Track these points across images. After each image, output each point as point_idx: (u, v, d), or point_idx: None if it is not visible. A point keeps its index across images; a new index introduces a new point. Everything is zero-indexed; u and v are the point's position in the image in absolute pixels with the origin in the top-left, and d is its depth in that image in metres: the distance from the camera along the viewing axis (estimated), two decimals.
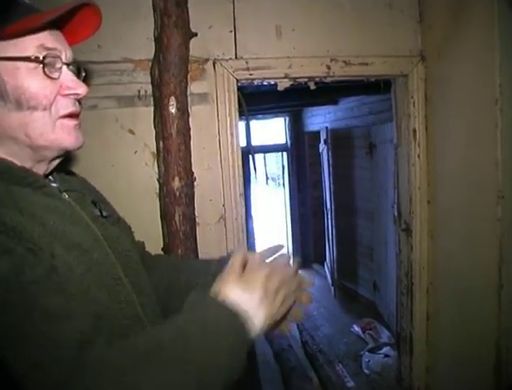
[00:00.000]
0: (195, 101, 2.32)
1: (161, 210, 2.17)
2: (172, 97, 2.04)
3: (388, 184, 4.10)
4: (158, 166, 2.17)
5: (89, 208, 0.93)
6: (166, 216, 2.11)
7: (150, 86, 2.19)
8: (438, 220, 2.67)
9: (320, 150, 5.78)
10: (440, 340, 2.74)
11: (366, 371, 3.58)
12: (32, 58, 0.76)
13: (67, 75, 0.82)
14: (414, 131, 2.69)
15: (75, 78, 0.84)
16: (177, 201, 2.07)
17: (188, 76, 2.17)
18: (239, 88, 2.46)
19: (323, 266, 6.19)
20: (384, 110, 4.23)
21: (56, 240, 0.75)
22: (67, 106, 0.82)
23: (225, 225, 2.43)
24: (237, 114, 2.43)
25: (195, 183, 2.21)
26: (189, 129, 2.13)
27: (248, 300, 0.79)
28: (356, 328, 4.32)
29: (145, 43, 2.19)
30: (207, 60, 2.35)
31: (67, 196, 0.90)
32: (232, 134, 2.40)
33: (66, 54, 0.82)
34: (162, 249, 2.14)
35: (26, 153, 0.82)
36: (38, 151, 0.82)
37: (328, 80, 2.58)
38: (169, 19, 2.01)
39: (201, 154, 2.34)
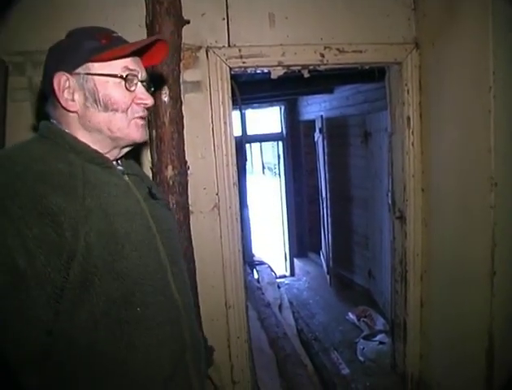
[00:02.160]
0: (188, 90, 2.31)
1: None
2: (165, 86, 2.03)
3: (383, 172, 4.11)
4: (151, 155, 2.16)
5: (143, 190, 1.18)
6: None
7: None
8: (432, 208, 2.68)
9: (315, 139, 5.78)
10: (434, 327, 2.76)
11: (360, 358, 3.60)
12: (119, 75, 1.07)
13: (140, 89, 1.11)
14: (408, 119, 2.69)
15: (146, 92, 1.12)
16: (170, 189, 2.07)
17: (181, 64, 2.15)
18: (232, 77, 2.45)
19: (319, 254, 6.22)
20: (379, 99, 4.22)
21: (104, 208, 1.00)
22: (138, 111, 1.11)
23: (219, 214, 2.44)
24: (231, 102, 2.42)
25: (188, 171, 2.21)
26: (182, 117, 2.12)
27: None
28: (351, 316, 4.34)
29: (137, 31, 2.17)
30: (200, 48, 2.34)
31: (127, 177, 1.15)
32: (225, 122, 2.39)
33: (141, 74, 1.12)
34: None
35: (106, 141, 1.10)
36: (115, 140, 1.11)
37: (322, 67, 2.57)
38: (161, 6, 1.99)
39: (194, 143, 2.34)
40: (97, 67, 1.06)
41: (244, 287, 2.60)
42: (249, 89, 4.09)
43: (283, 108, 6.94)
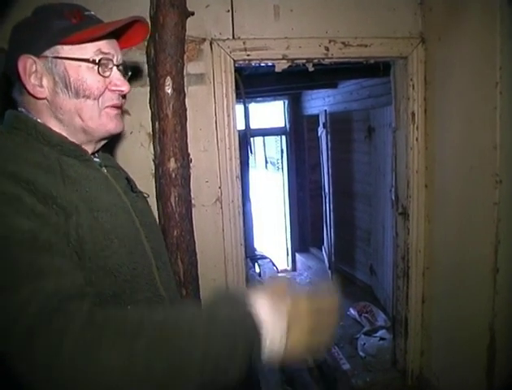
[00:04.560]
0: (191, 82, 2.30)
1: (156, 191, 2.16)
2: (168, 78, 2.02)
3: (387, 167, 4.09)
4: (154, 147, 2.15)
5: (122, 182, 1.12)
6: (161, 197, 2.10)
7: (146, 66, 2.17)
8: (435, 204, 2.66)
9: (319, 134, 5.75)
10: (435, 324, 2.75)
11: (361, 354, 3.60)
12: (91, 60, 0.98)
13: (115, 75, 1.03)
14: (413, 114, 2.68)
15: (122, 78, 1.04)
16: (173, 182, 2.06)
17: (185, 56, 2.14)
18: (236, 69, 2.44)
19: (321, 249, 6.21)
20: (384, 94, 4.20)
21: (87, 203, 0.92)
22: (111, 98, 1.03)
23: (221, 207, 2.43)
24: (234, 95, 2.41)
25: (191, 164, 2.20)
26: (185, 110, 2.11)
27: (274, 318, 0.80)
28: (352, 311, 4.34)
29: None
30: (204, 40, 2.32)
31: (105, 170, 1.09)
32: (228, 115, 2.38)
33: (117, 57, 1.03)
34: None
35: (80, 133, 1.02)
36: (88, 132, 1.02)
37: (327, 61, 2.55)
38: None
39: (197, 135, 2.33)
40: (67, 49, 0.96)
41: (245, 281, 2.59)
42: (252, 83, 4.08)
43: (286, 102, 6.90)
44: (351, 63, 2.81)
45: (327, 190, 5.64)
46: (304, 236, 6.94)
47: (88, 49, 0.98)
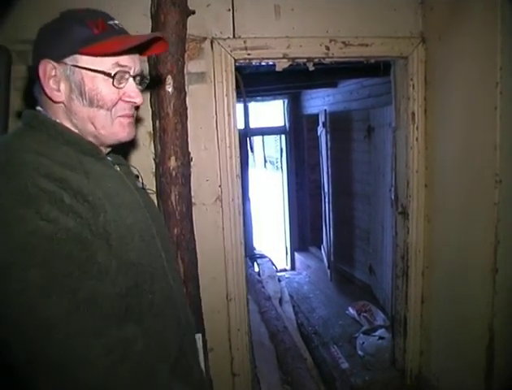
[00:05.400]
0: (192, 81, 2.30)
1: (157, 189, 2.16)
2: (169, 76, 2.02)
3: (386, 167, 4.10)
4: (155, 146, 2.15)
5: (133, 179, 1.18)
6: (162, 196, 2.10)
7: (147, 65, 2.17)
8: (435, 204, 2.67)
9: (318, 133, 5.75)
10: (434, 323, 2.76)
11: (360, 353, 3.60)
12: (107, 72, 0.99)
13: (130, 86, 1.05)
14: (413, 114, 2.68)
15: (136, 89, 1.06)
16: (173, 180, 2.06)
17: (186, 55, 2.14)
18: (237, 69, 2.43)
19: (320, 249, 6.21)
20: (384, 93, 4.20)
21: (110, 200, 0.98)
22: (124, 108, 1.05)
23: (221, 206, 2.43)
24: (235, 94, 2.41)
25: (191, 163, 2.20)
26: (186, 108, 2.11)
27: None
28: (351, 311, 4.34)
29: (141, 21, 2.15)
30: (205, 39, 2.32)
31: (118, 168, 1.13)
32: (229, 114, 2.38)
33: (134, 69, 1.05)
34: None
35: (91, 138, 1.05)
36: (100, 139, 1.06)
37: (327, 60, 2.55)
38: None
39: (197, 134, 2.33)
40: (85, 59, 0.98)
41: (245, 280, 2.59)
42: (252, 82, 4.07)
43: (286, 101, 6.90)
44: (351, 63, 2.81)
45: (326, 189, 5.64)
46: (303, 236, 6.94)
47: (106, 61, 0.99)
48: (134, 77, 1.05)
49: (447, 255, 2.58)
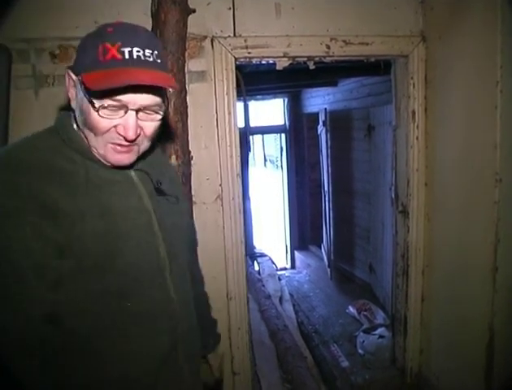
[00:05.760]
0: (193, 79, 2.30)
1: None
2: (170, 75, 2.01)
3: (386, 166, 4.09)
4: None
5: (150, 186, 1.14)
6: None
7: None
8: (435, 203, 2.67)
9: (319, 132, 5.75)
10: (435, 322, 2.76)
11: (360, 352, 3.60)
12: (93, 103, 0.95)
13: (128, 119, 0.97)
14: (413, 112, 2.68)
15: (131, 124, 0.98)
16: None
17: (186, 54, 2.14)
18: (237, 67, 2.43)
19: (320, 247, 6.22)
20: (384, 92, 4.20)
21: (102, 208, 1.00)
22: (116, 138, 1.00)
23: (222, 205, 2.43)
24: (235, 92, 2.41)
25: (192, 161, 2.20)
26: (187, 107, 2.11)
27: None
28: (351, 309, 4.34)
29: (142, 19, 2.14)
30: (205, 37, 2.32)
31: (133, 173, 1.11)
32: (229, 113, 2.38)
33: (135, 102, 0.96)
34: None
35: None
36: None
37: (328, 59, 2.55)
38: None
39: (198, 133, 2.33)
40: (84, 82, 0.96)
41: (245, 278, 2.59)
42: (253, 81, 4.07)
43: (286, 100, 6.90)
44: (352, 61, 2.81)
45: (326, 188, 5.64)
46: (303, 234, 6.95)
47: (98, 93, 0.95)
48: (138, 110, 0.98)
49: (447, 254, 2.58)
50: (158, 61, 0.99)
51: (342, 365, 3.43)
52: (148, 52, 0.96)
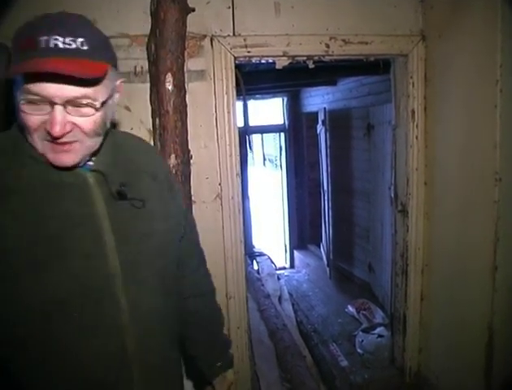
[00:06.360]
0: (192, 78, 2.29)
1: None
2: (169, 74, 2.01)
3: (386, 165, 4.10)
4: (154, 144, 2.15)
5: (108, 189, 1.03)
6: None
7: (147, 62, 2.16)
8: (434, 202, 2.67)
9: (318, 131, 5.75)
10: (434, 321, 2.76)
11: (359, 351, 3.60)
12: (17, 99, 0.90)
13: (54, 114, 0.89)
14: (413, 112, 2.68)
15: (56, 120, 0.89)
16: (173, 178, 2.06)
17: (186, 53, 2.13)
18: (237, 66, 2.43)
19: (319, 247, 6.22)
20: (383, 91, 4.20)
21: (40, 210, 0.95)
22: (46, 135, 0.91)
23: (221, 204, 2.43)
24: (235, 92, 2.40)
25: (191, 161, 2.19)
26: (186, 106, 2.11)
27: None
28: (350, 309, 4.34)
29: (141, 18, 2.15)
30: (205, 36, 2.32)
31: (89, 174, 1.02)
32: (229, 112, 2.38)
33: (58, 96, 0.88)
34: None
35: None
36: None
37: (327, 58, 2.55)
38: None
39: (197, 132, 2.33)
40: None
41: (245, 278, 2.59)
42: (252, 80, 4.06)
43: (285, 99, 6.89)
44: (351, 61, 2.80)
45: (325, 187, 5.64)
46: (302, 234, 6.95)
47: (23, 87, 0.89)
48: (65, 104, 0.90)
49: (446, 253, 2.58)
50: (84, 48, 0.90)
51: (341, 364, 3.43)
52: (69, 40, 0.89)
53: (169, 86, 2.02)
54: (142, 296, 1.07)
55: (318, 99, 6.28)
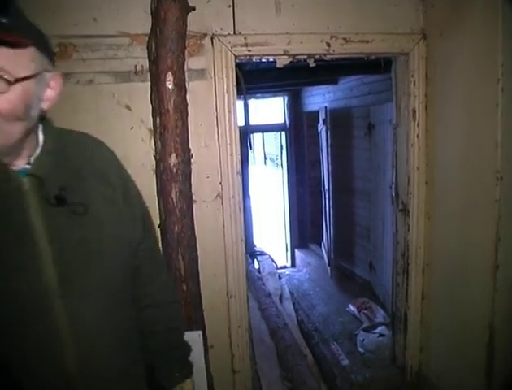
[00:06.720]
0: (192, 77, 2.29)
1: (157, 186, 2.16)
2: (169, 73, 2.01)
3: (387, 164, 4.09)
4: (155, 143, 2.15)
5: (45, 195, 0.94)
6: (162, 193, 2.10)
7: (147, 61, 2.16)
8: (435, 201, 2.66)
9: (319, 130, 5.74)
10: (435, 320, 2.76)
11: (360, 350, 3.60)
12: None
13: None
14: (414, 111, 2.67)
15: None
16: (174, 177, 2.06)
17: (186, 52, 2.13)
18: (237, 65, 2.43)
19: (320, 246, 6.21)
20: (384, 90, 4.19)
21: None
22: None
23: (222, 203, 2.43)
24: (235, 91, 2.40)
25: (192, 160, 2.19)
26: (186, 105, 2.10)
27: None
28: (351, 308, 4.34)
29: (142, 17, 2.15)
30: (205, 35, 2.31)
31: (25, 179, 0.93)
32: (229, 111, 2.37)
33: None
34: (159, 226, 2.13)
35: None
36: None
37: (328, 57, 2.54)
38: None
39: (198, 131, 2.32)
40: None
41: (245, 277, 2.59)
42: (253, 79, 4.06)
43: (286, 98, 6.89)
44: (352, 59, 2.80)
45: (326, 186, 5.64)
46: (303, 233, 6.94)
47: None
48: None
49: (447, 252, 2.58)
50: (3, 20, 0.79)
51: (342, 363, 3.43)
52: None
53: (169, 85, 2.01)
54: (84, 310, 0.99)
55: (319, 98, 6.28)
